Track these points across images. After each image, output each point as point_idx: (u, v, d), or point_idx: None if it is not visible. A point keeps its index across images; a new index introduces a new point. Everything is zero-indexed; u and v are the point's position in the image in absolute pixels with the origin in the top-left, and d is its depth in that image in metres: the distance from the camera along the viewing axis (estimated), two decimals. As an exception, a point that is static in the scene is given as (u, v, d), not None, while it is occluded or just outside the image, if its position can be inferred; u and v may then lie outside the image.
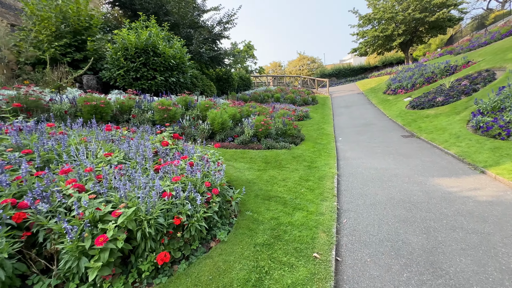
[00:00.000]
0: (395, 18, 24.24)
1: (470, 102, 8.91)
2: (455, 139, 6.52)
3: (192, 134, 5.85)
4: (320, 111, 15.62)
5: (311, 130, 10.31)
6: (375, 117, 12.33)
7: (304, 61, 50.51)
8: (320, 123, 12.01)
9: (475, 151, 5.41)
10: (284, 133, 7.16)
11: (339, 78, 36.88)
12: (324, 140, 8.44)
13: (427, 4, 22.96)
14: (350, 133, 9.94)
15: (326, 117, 13.68)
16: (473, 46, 15.58)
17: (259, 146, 6.18)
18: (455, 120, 8.14)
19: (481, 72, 10.82)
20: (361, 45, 28.87)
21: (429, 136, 7.59)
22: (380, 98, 16.27)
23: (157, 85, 8.32)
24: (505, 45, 12.33)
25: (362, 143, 8.16)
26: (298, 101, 17.21)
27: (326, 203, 3.63)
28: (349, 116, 13.58)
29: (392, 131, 9.38)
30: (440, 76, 13.56)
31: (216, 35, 13.35)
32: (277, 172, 4.83)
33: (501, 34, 13.92)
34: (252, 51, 31.89)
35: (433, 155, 6.09)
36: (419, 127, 8.77)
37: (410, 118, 10.12)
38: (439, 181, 4.44)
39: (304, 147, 7.00)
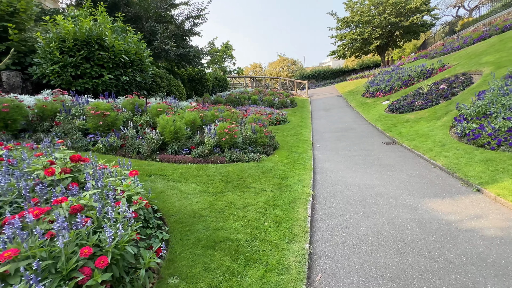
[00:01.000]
0: (372, 21, 24.39)
1: (450, 106, 8.52)
2: (440, 148, 5.91)
3: (136, 146, 4.67)
4: (298, 114, 14.90)
5: (287, 135, 9.44)
6: (354, 121, 11.78)
7: (285, 63, 50.32)
8: (298, 128, 11.22)
9: (465, 163, 4.76)
10: (254, 141, 6.18)
11: (319, 80, 36.87)
12: (300, 148, 7.58)
13: (402, 9, 23.32)
14: (329, 139, 9.20)
15: (305, 121, 12.95)
16: (447, 50, 15.71)
17: (221, 159, 5.14)
18: (436, 125, 7.64)
19: (458, 75, 10.62)
20: (339, 47, 28.87)
21: (412, 143, 6.99)
22: (358, 101, 15.90)
23: (105, 85, 6.99)
24: (478, 49, 12.36)
25: (342, 151, 7.41)
26: (276, 104, 16.40)
27: (295, 247, 2.67)
28: (328, 119, 12.95)
29: (372, 137, 8.76)
30: (417, 79, 13.38)
31: (185, 31, 12.13)
32: (238, 196, 3.81)
33: (473, 39, 14.07)
34: (230, 51, 30.78)
35: (419, 166, 5.41)
36: (400, 133, 8.21)
37: (390, 123, 9.60)
38: (432, 204, 3.67)
39: (277, 157, 6.06)
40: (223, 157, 5.22)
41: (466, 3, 28.71)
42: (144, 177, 3.91)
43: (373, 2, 24.77)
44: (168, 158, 4.77)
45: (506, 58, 9.31)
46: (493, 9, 20.38)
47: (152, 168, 4.20)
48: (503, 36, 11.93)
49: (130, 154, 4.57)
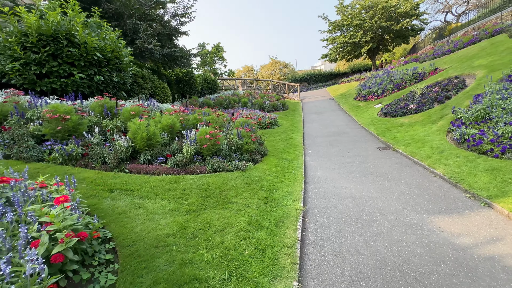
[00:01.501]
0: (363, 25, 24.41)
1: (445, 110, 8.23)
2: (439, 155, 5.53)
3: (101, 155, 4.04)
4: (290, 117, 14.47)
5: (277, 140, 8.94)
6: (347, 125, 11.42)
7: (276, 66, 50.23)
8: (289, 132, 10.75)
9: (469, 172, 4.36)
10: (239, 148, 5.63)
11: (310, 83, 36.78)
12: (291, 154, 7.08)
13: (392, 13, 23.44)
14: (321, 144, 8.75)
15: (296, 124, 12.51)
16: (437, 54, 15.69)
17: (202, 169, 4.56)
18: (432, 130, 7.31)
19: (451, 79, 10.42)
20: (331, 51, 28.83)
21: (408, 149, 6.61)
22: (351, 104, 15.63)
23: (75, 85, 6.31)
24: (469, 53, 12.29)
25: (335, 157, 6.95)
26: (267, 107, 15.93)
27: (281, 286, 2.13)
28: (320, 123, 12.56)
29: (366, 142, 8.37)
30: (409, 82, 13.19)
31: (171, 30, 11.53)
32: (216, 214, 3.25)
33: (463, 42, 14.06)
34: (221, 53, 30.25)
35: (418, 175, 4.99)
36: (394, 138, 7.84)
37: (384, 127, 9.25)
38: (439, 223, 3.22)
39: (265, 165, 5.52)
40: (204, 166, 4.65)
41: (453, 9, 29.27)
42: (105, 193, 3.29)
43: (364, 6, 24.84)
44: (139, 168, 4.16)
45: (499, 62, 9.15)
46: (481, 14, 20.68)
47: (116, 182, 3.58)
48: (494, 40, 11.89)
49: (94, 164, 3.94)
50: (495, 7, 18.14)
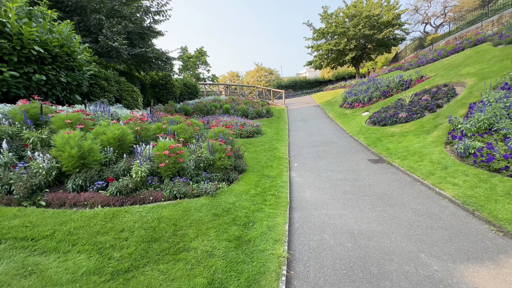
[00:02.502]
0: (347, 33, 24.42)
1: (438, 119, 7.68)
2: (443, 171, 4.79)
3: (7, 182, 2.85)
4: (274, 125, 13.63)
5: (260, 151, 7.98)
6: (335, 133, 10.71)
7: (262, 72, 49.90)
8: (273, 141, 9.85)
9: (486, 196, 3.60)
10: (211, 164, 4.59)
11: (296, 90, 36.53)
12: (274, 169, 6.12)
13: (375, 22, 23.64)
14: (308, 155, 7.89)
15: (281, 133, 11.66)
16: (421, 62, 15.62)
17: (157, 195, 3.47)
18: (428, 141, 6.66)
19: (440, 86, 10.04)
20: (316, 58, 28.68)
21: (404, 163, 5.87)
22: (337, 111, 15.08)
23: (7, 85, 5.03)
24: (454, 61, 12.13)
25: (324, 172, 6.08)
26: (251, 114, 15.03)
27: None
28: (306, 131, 11.79)
29: (357, 153, 7.61)
30: (396, 90, 12.82)
31: (144, 29, 10.39)
32: (160, 274, 2.18)
33: (447, 51, 14.02)
34: (204, 58, 29.21)
35: (423, 198, 4.19)
36: (387, 149, 7.13)
37: (374, 137, 8.58)
38: (473, 278, 2.34)
39: (242, 186, 4.51)
40: (160, 192, 3.55)
41: (432, 20, 30.29)
42: (-14, 246, 2.14)
43: (348, 14, 24.94)
44: (63, 199, 3.01)
45: (488, 70, 8.83)
46: (458, 26, 21.26)
47: (14, 225, 2.43)
48: (478, 48, 11.79)
49: None
50: (473, 19, 18.62)
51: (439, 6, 29.16)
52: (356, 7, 24.65)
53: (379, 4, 24.23)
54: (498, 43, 10.53)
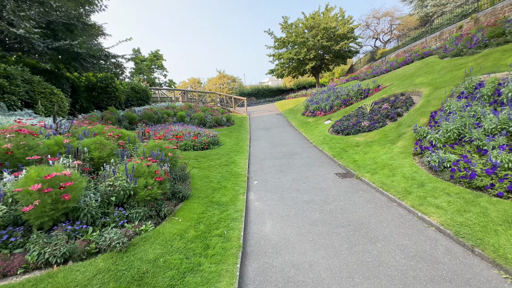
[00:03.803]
0: (307, 43, 24.89)
1: (400, 128, 7.39)
2: (420, 189, 4.15)
3: None
4: (235, 134, 12.50)
5: (214, 167, 6.73)
6: (298, 143, 10.00)
7: (224, 79, 48.85)
8: (232, 153, 8.68)
9: (482, 225, 2.93)
10: (131, 196, 3.20)
11: (258, 98, 36.22)
12: (228, 191, 4.93)
13: (332, 34, 24.54)
14: (270, 169, 6.90)
15: (241, 143, 10.56)
16: (376, 72, 16.23)
17: (12, 264, 2.00)
18: (395, 152, 6.20)
19: (397, 95, 10.10)
20: (277, 66, 28.71)
21: (375, 178, 5.21)
22: (299, 120, 14.63)
23: None
24: (407, 72, 12.62)
25: (288, 192, 5.09)
26: (209, 122, 13.69)
27: None
28: (269, 141, 10.89)
29: (322, 166, 6.87)
30: (356, 98, 12.82)
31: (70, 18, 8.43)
32: None
33: (398, 63, 14.72)
34: (160, 61, 26.99)
35: (406, 226, 3.42)
36: (354, 161, 6.51)
37: (339, 147, 8.01)
38: None
39: (177, 225, 3.22)
40: (22, 256, 2.08)
41: (381, 36, 32.97)
42: None
43: (307, 25, 25.51)
44: None
45: (440, 80, 9.06)
46: (404, 41, 23.16)
47: None
48: (426, 60, 12.44)
49: None
50: (416, 36, 20.34)
51: (386, 23, 31.89)
52: (314, 19, 25.36)
53: (335, 18, 25.30)
54: (444, 55, 11.13)
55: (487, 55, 8.33)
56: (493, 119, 4.36)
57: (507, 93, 5.14)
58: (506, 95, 5.15)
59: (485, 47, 9.10)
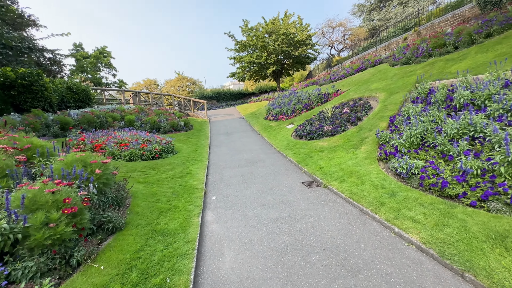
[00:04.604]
0: (267, 47, 24.93)
1: (362, 132, 7.36)
2: (391, 199, 3.86)
3: None
4: (193, 140, 11.44)
5: (165, 180, 5.71)
6: (261, 149, 9.45)
7: (184, 81, 46.56)
8: (188, 162, 7.69)
9: (464, 241, 2.64)
10: (20, 240, 2.14)
11: (220, 101, 35.22)
12: (179, 213, 4.02)
13: (291, 40, 25.04)
14: (232, 180, 6.15)
15: (200, 150, 9.59)
16: (334, 78, 16.80)
17: None
18: (359, 157, 6.02)
19: (356, 100, 10.30)
20: (239, 69, 28.22)
21: (343, 187, 4.86)
22: (262, 124, 14.20)
23: None
24: (362, 78, 13.18)
25: (252, 208, 4.41)
26: (164, 126, 12.34)
27: None
28: (230, 147, 10.13)
29: (288, 174, 6.38)
30: (316, 103, 12.91)
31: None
32: None
33: (353, 69, 15.42)
34: (108, 59, 24.14)
35: (384, 245, 3.01)
36: (320, 168, 6.16)
37: (303, 152, 7.66)
38: None
39: (94, 277, 2.25)
40: None
41: (335, 45, 35.04)
42: None
43: (267, 30, 25.60)
44: None
45: (394, 85, 9.46)
46: (356, 50, 24.78)
47: None
48: (378, 68, 13.16)
49: None
50: (367, 45, 21.88)
51: (340, 33, 34.05)
52: (274, 24, 25.59)
53: (293, 25, 25.89)
54: (394, 63, 11.85)
55: (433, 64, 8.94)
56: (454, 124, 4.34)
57: (459, 98, 5.29)
58: (458, 100, 5.31)
59: (429, 57, 9.82)
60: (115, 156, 7.04)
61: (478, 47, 7.98)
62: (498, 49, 7.05)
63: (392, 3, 26.78)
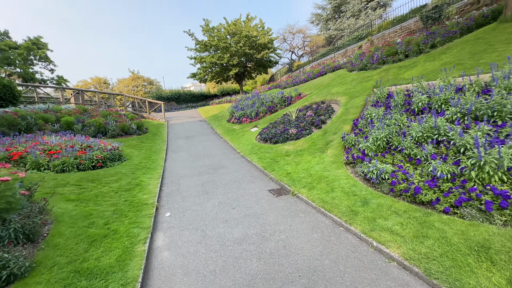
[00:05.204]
0: (229, 48, 24.37)
1: (327, 136, 7.26)
2: (365, 208, 3.61)
3: None
4: (147, 144, 10.20)
5: (106, 196, 4.68)
6: (224, 153, 8.80)
7: (139, 81, 43.12)
8: (139, 171, 6.64)
9: (448, 256, 2.43)
10: None
11: (180, 103, 33.40)
12: (117, 241, 3.16)
13: (254, 43, 24.92)
14: (191, 191, 5.37)
15: (155, 156, 8.51)
16: (296, 82, 17.02)
17: None
18: (326, 161, 5.82)
19: (318, 103, 10.37)
20: (200, 70, 27.05)
21: (313, 194, 4.53)
22: (225, 127, 13.54)
23: None
24: (323, 82, 13.50)
25: (213, 226, 3.75)
26: (112, 130, 10.79)
27: None
28: (190, 152, 9.24)
29: (254, 181, 5.87)
30: (280, 105, 12.76)
31: None
32: None
33: (314, 74, 15.81)
34: (44, 51, 20.75)
35: (366, 265, 2.67)
36: (287, 174, 5.79)
37: (268, 157, 7.26)
38: None
39: None
40: None
41: (296, 51, 36.18)
42: None
43: (229, 31, 25.06)
44: None
45: (353, 90, 9.74)
46: (315, 57, 25.78)
47: None
48: (338, 73, 13.64)
49: None
50: (325, 52, 22.88)
51: (300, 39, 35.28)
52: (236, 25, 25.19)
53: (255, 28, 25.84)
54: (351, 69, 12.36)
55: (388, 70, 9.43)
56: (419, 127, 4.34)
57: (417, 102, 5.44)
58: (416, 104, 5.45)
59: (383, 63, 10.40)
60: (40, 167, 5.66)
61: (426, 56, 8.62)
62: (443, 58, 7.65)
63: (346, 14, 28.70)
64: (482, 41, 7.24)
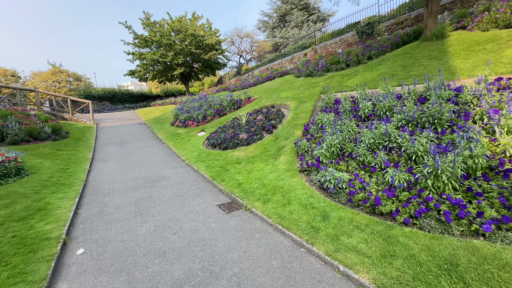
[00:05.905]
0: (174, 46, 22.64)
1: (278, 141, 6.99)
2: (326, 223, 3.29)
3: None
4: (65, 153, 8.22)
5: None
6: (166, 162, 7.68)
7: (63, 76, 36.58)
8: (47, 189, 5.08)
9: (423, 280, 2.21)
10: None
11: (115, 103, 29.50)
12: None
13: (201, 43, 23.76)
14: (119, 212, 4.24)
15: (73, 168, 6.82)
16: (245, 85, 16.71)
17: None
18: (280, 169, 5.47)
19: (268, 107, 10.16)
20: (139, 67, 24.34)
21: (268, 208, 4.04)
22: (168, 131, 12.19)
23: None
24: (272, 86, 13.48)
25: (145, 264, 2.85)
26: (14, 134, 8.37)
27: None
28: (123, 161, 7.77)
29: (201, 195, 5.08)
30: (229, 109, 12.17)
31: None
32: None
33: (263, 78, 15.78)
34: None
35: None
36: (238, 184, 5.20)
37: (217, 165, 6.56)
38: None
39: None
40: None
41: (244, 55, 36.26)
42: None
43: (173, 28, 23.30)
44: None
45: (302, 95, 9.85)
46: (264, 61, 26.20)
47: None
48: (286, 78, 13.83)
49: None
50: (273, 57, 23.40)
51: (248, 44, 35.52)
52: (181, 22, 23.62)
53: (202, 28, 24.74)
54: (299, 75, 12.66)
55: (332, 77, 9.84)
56: (370, 134, 4.31)
57: (364, 109, 5.57)
58: (363, 110, 5.58)
59: (327, 71, 10.88)
60: None
61: (365, 66, 9.28)
62: (380, 69, 8.30)
63: (290, 24, 30.17)
64: (410, 56, 8.11)
